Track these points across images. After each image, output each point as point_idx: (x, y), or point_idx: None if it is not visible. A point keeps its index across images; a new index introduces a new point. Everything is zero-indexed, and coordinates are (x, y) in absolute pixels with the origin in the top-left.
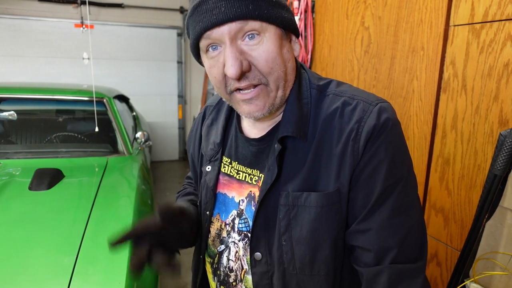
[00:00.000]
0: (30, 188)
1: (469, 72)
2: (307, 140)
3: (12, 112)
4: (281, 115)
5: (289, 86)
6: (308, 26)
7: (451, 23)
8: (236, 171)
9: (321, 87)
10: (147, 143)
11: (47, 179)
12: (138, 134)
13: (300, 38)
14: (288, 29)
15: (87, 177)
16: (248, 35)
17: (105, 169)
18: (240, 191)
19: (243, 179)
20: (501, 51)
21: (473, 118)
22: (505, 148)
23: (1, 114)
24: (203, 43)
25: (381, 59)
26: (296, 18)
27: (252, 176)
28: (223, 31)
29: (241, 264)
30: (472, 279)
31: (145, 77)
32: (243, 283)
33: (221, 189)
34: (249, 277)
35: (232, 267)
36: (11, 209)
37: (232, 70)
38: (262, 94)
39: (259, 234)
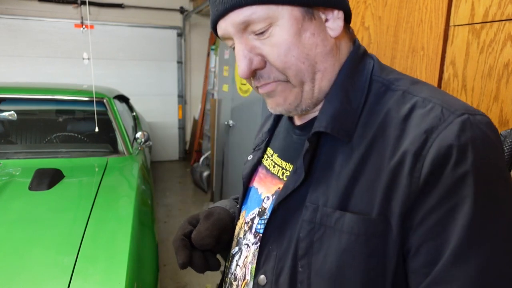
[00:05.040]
0: (30, 188)
1: (469, 72)
2: (352, 141)
3: (12, 112)
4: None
5: (325, 76)
6: None
7: (451, 23)
8: (273, 164)
9: (388, 81)
10: (147, 143)
11: (47, 179)
12: (138, 134)
13: None
14: (313, 3)
15: (87, 177)
16: (260, 31)
17: (105, 169)
18: (270, 187)
19: (276, 173)
20: (501, 51)
21: None
22: (505, 148)
23: (1, 114)
24: (227, 43)
25: (381, 59)
26: None
27: (284, 171)
28: (227, 26)
29: (245, 273)
30: None
31: (145, 77)
32: None
33: (255, 183)
34: None
35: (237, 275)
36: (11, 209)
37: (240, 70)
38: (281, 88)
39: (271, 248)
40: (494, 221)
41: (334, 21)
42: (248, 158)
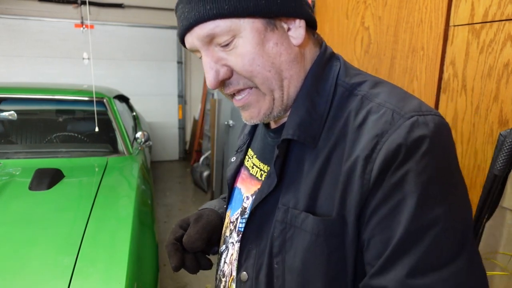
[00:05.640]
0: (30, 188)
1: (469, 72)
2: (318, 146)
3: (12, 112)
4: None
5: (292, 82)
6: None
7: (451, 23)
8: (252, 165)
9: (352, 86)
10: (147, 143)
11: (47, 179)
12: (138, 134)
13: None
14: (275, 15)
15: (87, 177)
16: (224, 44)
17: (105, 169)
18: (250, 188)
19: (255, 174)
20: (501, 51)
21: (473, 118)
22: (505, 148)
23: (1, 114)
24: (196, 54)
25: (381, 59)
26: None
27: (262, 173)
28: (193, 40)
29: (231, 269)
30: None
31: (145, 77)
32: None
33: (239, 184)
34: (234, 286)
35: (225, 271)
36: (11, 209)
37: (208, 81)
38: (255, 99)
39: (251, 246)
40: (434, 216)
41: (296, 30)
42: (232, 160)
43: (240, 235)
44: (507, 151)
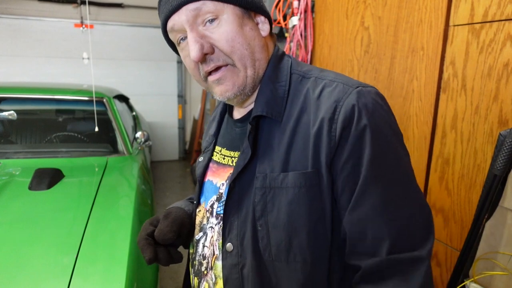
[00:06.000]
0: (30, 188)
1: (469, 72)
2: (283, 121)
3: (12, 112)
4: None
5: (260, 65)
6: (308, 26)
7: (451, 23)
8: (223, 157)
9: (303, 72)
10: (147, 143)
11: (47, 179)
12: (138, 134)
13: (300, 38)
14: (249, 8)
15: (87, 177)
16: (208, 20)
17: (105, 169)
18: (223, 175)
19: (227, 163)
20: (501, 51)
21: (473, 118)
22: (504, 148)
23: (1, 114)
24: (172, 37)
25: (381, 59)
26: (296, 18)
27: (233, 159)
28: (182, 19)
29: (213, 250)
30: (472, 279)
31: (145, 77)
32: (213, 271)
33: (209, 177)
34: (218, 264)
35: (206, 254)
36: (11, 209)
37: (193, 52)
38: (230, 74)
39: (233, 219)
40: (388, 160)
41: (263, 24)
42: (199, 160)
43: (220, 217)
44: (507, 151)
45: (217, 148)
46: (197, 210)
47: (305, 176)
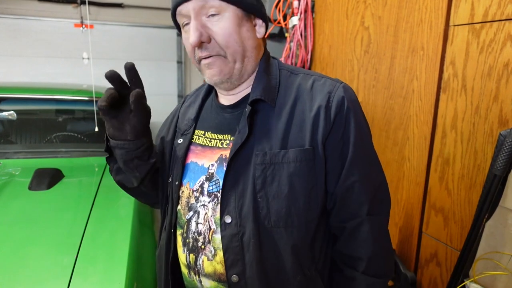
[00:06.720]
0: (30, 188)
1: (469, 72)
2: (276, 106)
3: (12, 112)
4: (251, 87)
5: (249, 62)
6: (308, 26)
7: (451, 23)
8: (209, 140)
9: (291, 70)
10: None
11: (47, 179)
12: None
13: (300, 37)
14: (250, 11)
15: (87, 177)
16: (211, 13)
17: (105, 169)
18: (211, 157)
19: (215, 145)
20: (501, 51)
21: (473, 118)
22: (505, 148)
23: (1, 114)
24: (179, 20)
25: (381, 59)
26: (296, 18)
27: (223, 141)
28: (189, 7)
29: (209, 225)
30: (472, 279)
31: (144, 77)
32: (211, 244)
33: (192, 159)
34: (217, 237)
35: (201, 230)
36: (11, 209)
37: (192, 38)
38: (219, 62)
39: (230, 194)
40: (365, 142)
41: (260, 27)
42: (179, 142)
43: (213, 195)
44: (507, 151)
45: (199, 132)
46: (180, 191)
47: (303, 152)
